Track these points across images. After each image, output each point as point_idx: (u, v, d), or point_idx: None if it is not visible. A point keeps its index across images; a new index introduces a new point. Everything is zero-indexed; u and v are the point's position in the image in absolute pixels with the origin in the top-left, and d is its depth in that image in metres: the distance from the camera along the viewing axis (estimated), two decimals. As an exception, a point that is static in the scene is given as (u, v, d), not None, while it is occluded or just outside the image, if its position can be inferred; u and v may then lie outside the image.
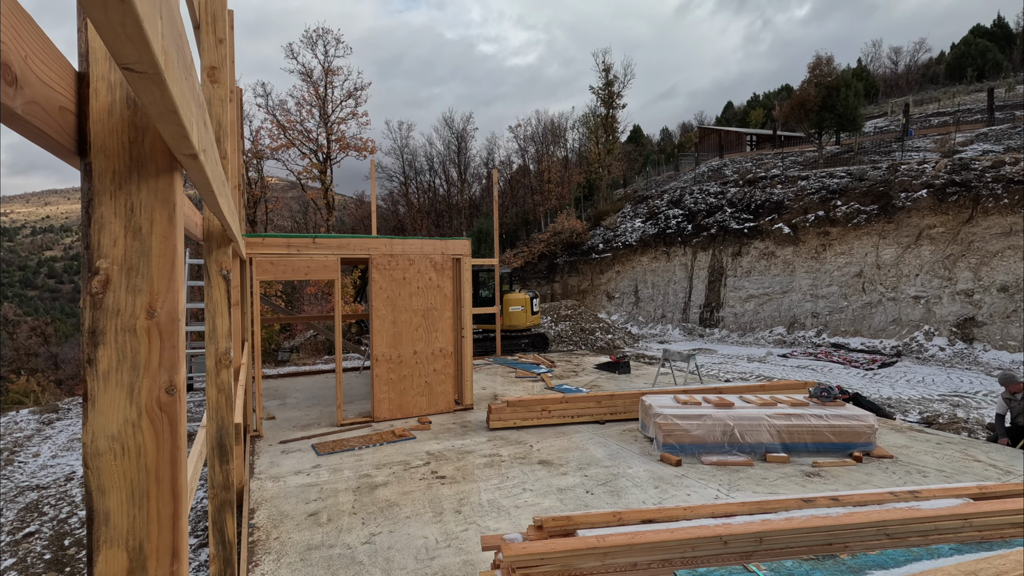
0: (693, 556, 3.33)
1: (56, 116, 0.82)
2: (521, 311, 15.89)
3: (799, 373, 13.70)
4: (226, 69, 2.80)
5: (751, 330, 20.59)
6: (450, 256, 8.67)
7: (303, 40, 25.98)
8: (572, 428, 7.77)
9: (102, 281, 0.93)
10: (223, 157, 2.64)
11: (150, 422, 0.96)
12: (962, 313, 15.86)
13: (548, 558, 3.17)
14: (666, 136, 71.77)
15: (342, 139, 25.68)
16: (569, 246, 29.00)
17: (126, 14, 0.53)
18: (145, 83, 0.68)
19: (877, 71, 58.38)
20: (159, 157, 0.97)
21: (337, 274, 7.89)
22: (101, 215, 0.93)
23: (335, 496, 5.47)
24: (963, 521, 3.72)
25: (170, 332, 0.97)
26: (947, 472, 5.85)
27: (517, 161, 48.99)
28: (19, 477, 7.41)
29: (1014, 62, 44.78)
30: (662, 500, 5.25)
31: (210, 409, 2.80)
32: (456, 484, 5.74)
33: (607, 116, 36.23)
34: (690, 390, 7.82)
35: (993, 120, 25.38)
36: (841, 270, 18.99)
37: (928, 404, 10.57)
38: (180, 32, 0.78)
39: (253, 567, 4.16)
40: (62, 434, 9.45)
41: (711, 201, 24.63)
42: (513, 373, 12.22)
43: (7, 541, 5.54)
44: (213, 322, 2.79)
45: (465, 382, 8.87)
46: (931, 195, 17.61)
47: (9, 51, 0.64)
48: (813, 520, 3.57)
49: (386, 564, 4.14)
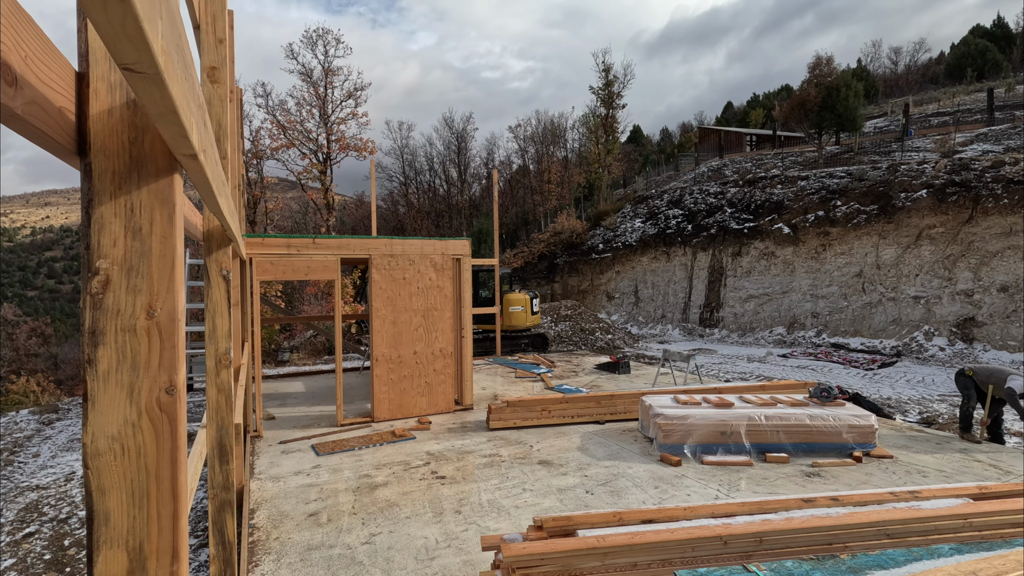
0: (693, 556, 3.33)
1: (56, 116, 0.82)
2: (521, 311, 15.88)
3: (799, 373, 13.70)
4: (226, 69, 2.81)
5: (751, 330, 20.59)
6: (450, 256, 8.67)
7: (303, 40, 26.01)
8: (572, 428, 7.76)
9: (102, 281, 0.93)
10: (223, 157, 2.65)
11: (150, 422, 0.96)
12: (962, 313, 15.86)
13: (548, 558, 3.17)
14: (666, 136, 71.82)
15: (342, 139, 25.70)
16: (569, 246, 29.00)
17: (126, 14, 0.53)
18: (145, 83, 0.68)
19: (877, 71, 58.44)
20: (159, 157, 0.97)
21: (337, 274, 7.89)
22: (101, 215, 0.93)
23: (335, 496, 5.47)
24: (963, 521, 3.73)
25: (170, 332, 0.97)
26: (947, 472, 5.85)
27: (517, 161, 49.06)
28: (19, 477, 7.41)
29: (1014, 62, 44.82)
30: (662, 500, 5.25)
31: (210, 409, 2.80)
32: (456, 484, 5.74)
33: (607, 116, 36.23)
34: (690, 390, 7.82)
35: (993, 120, 25.38)
36: (841, 270, 18.99)
37: (928, 404, 10.57)
38: (180, 32, 0.78)
39: (253, 567, 4.16)
40: (62, 434, 9.45)
41: (711, 201, 24.63)
42: (513, 373, 12.21)
43: (7, 541, 5.54)
44: (213, 322, 2.79)
45: (465, 382, 8.87)
46: (931, 195, 17.61)
47: (9, 51, 0.64)
48: (813, 520, 3.57)
49: (386, 564, 4.14)
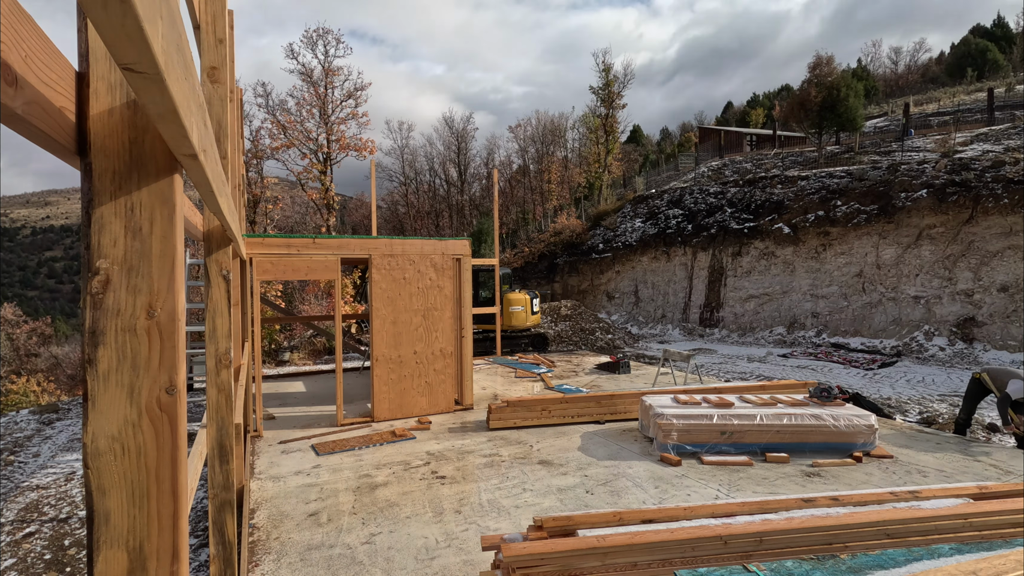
0: (693, 556, 3.33)
1: (56, 116, 0.82)
2: (521, 311, 15.88)
3: (799, 373, 13.70)
4: (226, 69, 2.81)
5: (751, 330, 20.58)
6: (450, 256, 8.67)
7: (303, 40, 26.01)
8: (572, 428, 7.76)
9: (102, 281, 0.93)
10: (223, 157, 2.65)
11: (150, 422, 0.96)
12: (962, 313, 15.86)
13: (548, 558, 3.17)
14: (666, 136, 71.81)
15: (342, 139, 25.69)
16: (569, 246, 29.00)
17: (126, 14, 0.53)
18: (145, 83, 0.68)
19: (877, 71, 58.41)
20: (159, 157, 0.97)
21: (337, 274, 7.89)
22: (101, 215, 0.93)
23: (335, 496, 5.47)
24: (963, 521, 3.72)
25: (170, 332, 0.97)
26: (947, 472, 5.85)
27: (517, 161, 49.04)
28: (19, 477, 7.41)
29: (1014, 62, 44.78)
30: (662, 500, 5.25)
31: (210, 409, 2.80)
32: (456, 484, 5.74)
33: (607, 116, 36.25)
34: (690, 390, 7.82)
35: (993, 120, 25.37)
36: (841, 270, 18.98)
37: (928, 404, 10.57)
38: (180, 32, 0.78)
39: (253, 567, 4.16)
40: (62, 434, 9.44)
41: (711, 201, 24.62)
42: (513, 373, 12.21)
43: (7, 541, 5.54)
44: (213, 322, 2.79)
45: (465, 382, 8.87)
46: (931, 195, 17.61)
47: (9, 51, 0.64)
48: (813, 520, 3.57)
49: (386, 564, 4.14)
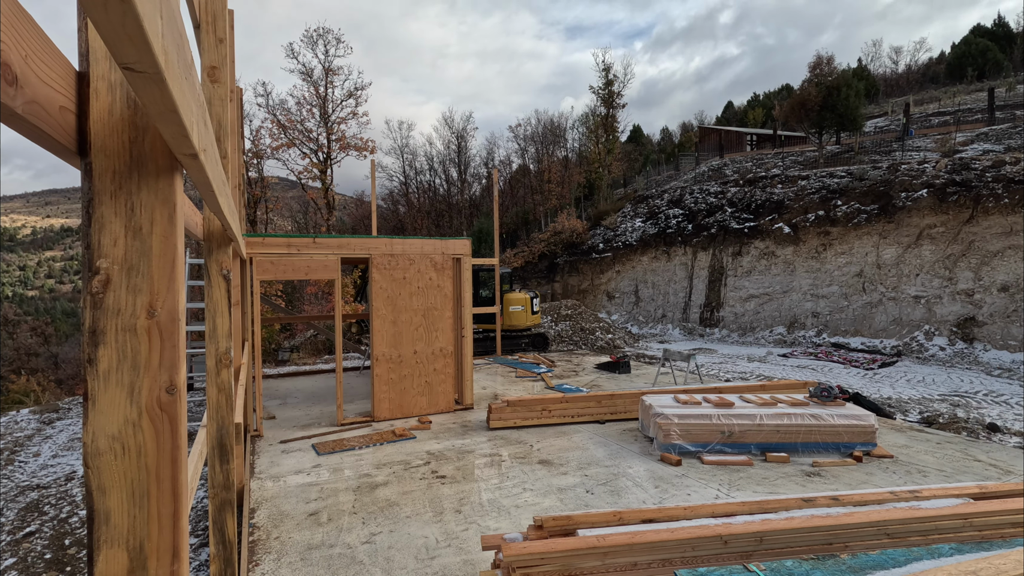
0: (693, 556, 3.33)
1: (56, 116, 0.82)
2: (521, 311, 15.88)
3: (799, 373, 13.69)
4: (226, 69, 2.80)
5: (751, 330, 20.58)
6: (450, 256, 8.67)
7: (303, 40, 26.00)
8: (572, 428, 7.76)
9: (102, 281, 0.93)
10: (223, 157, 2.64)
11: (150, 422, 0.96)
12: (962, 313, 15.86)
13: (548, 558, 3.17)
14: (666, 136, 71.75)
15: (342, 139, 25.67)
16: (569, 246, 28.99)
17: (126, 14, 0.53)
18: (145, 83, 0.68)
19: (877, 71, 58.35)
20: (159, 157, 0.97)
21: (337, 274, 7.89)
22: (101, 215, 0.93)
23: (335, 496, 5.47)
24: (963, 521, 3.72)
25: (170, 332, 0.97)
26: (947, 472, 5.85)
27: (517, 161, 49.00)
28: (19, 477, 7.41)
29: (1014, 62, 44.74)
30: (662, 500, 5.25)
31: (210, 409, 2.80)
32: (456, 484, 5.74)
33: (607, 116, 36.24)
34: (690, 390, 7.82)
35: (993, 120, 25.36)
36: (841, 270, 18.98)
37: (928, 404, 10.56)
38: (180, 32, 0.78)
39: (253, 567, 4.16)
40: (62, 434, 9.44)
41: (711, 201, 24.61)
42: (513, 373, 12.21)
43: (7, 541, 5.54)
44: (213, 322, 2.79)
45: (465, 382, 8.87)
46: (931, 195, 17.60)
47: (9, 51, 0.64)
48: (813, 520, 3.57)
49: (386, 564, 4.14)
